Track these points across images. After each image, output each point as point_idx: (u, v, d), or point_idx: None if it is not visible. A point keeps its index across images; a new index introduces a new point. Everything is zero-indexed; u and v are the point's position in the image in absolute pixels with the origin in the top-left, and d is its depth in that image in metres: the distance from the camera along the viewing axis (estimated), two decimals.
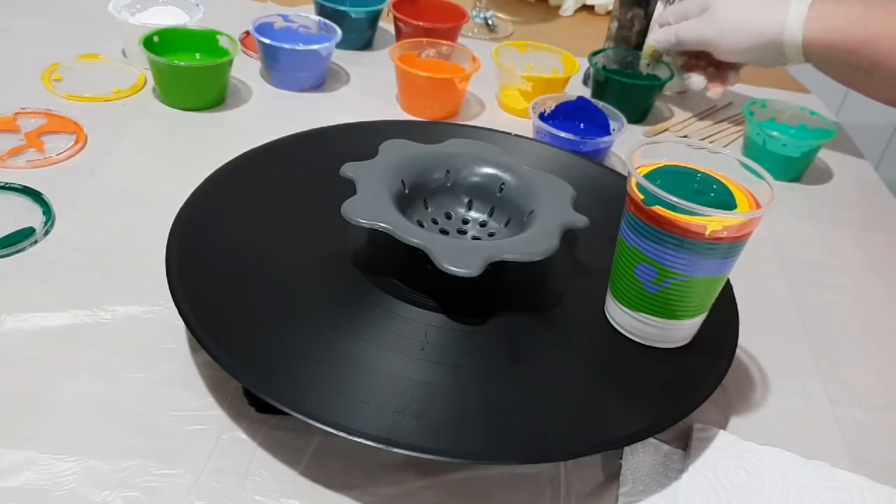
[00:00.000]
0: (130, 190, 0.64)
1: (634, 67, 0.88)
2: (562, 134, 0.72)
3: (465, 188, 0.58)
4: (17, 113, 0.71)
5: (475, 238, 0.57)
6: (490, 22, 1.05)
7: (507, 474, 0.46)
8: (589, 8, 1.16)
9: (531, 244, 0.51)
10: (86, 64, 0.81)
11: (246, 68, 0.84)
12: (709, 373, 0.49)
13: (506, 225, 0.58)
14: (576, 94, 0.79)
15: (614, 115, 0.77)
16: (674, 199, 0.44)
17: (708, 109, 0.91)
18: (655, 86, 0.85)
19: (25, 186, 0.61)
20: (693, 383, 0.48)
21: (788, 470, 0.47)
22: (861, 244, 0.73)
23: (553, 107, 0.79)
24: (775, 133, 0.77)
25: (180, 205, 0.55)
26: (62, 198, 0.61)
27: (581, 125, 0.79)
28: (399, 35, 0.92)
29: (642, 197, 0.46)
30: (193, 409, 0.47)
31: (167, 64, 0.73)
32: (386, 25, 0.95)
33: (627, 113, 0.76)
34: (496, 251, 0.49)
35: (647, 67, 0.87)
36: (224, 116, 0.76)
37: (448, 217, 0.58)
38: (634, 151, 0.48)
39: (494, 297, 0.53)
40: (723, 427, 0.51)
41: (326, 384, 0.44)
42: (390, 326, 0.49)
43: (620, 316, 0.51)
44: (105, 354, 0.49)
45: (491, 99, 0.86)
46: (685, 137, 0.83)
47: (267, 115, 0.78)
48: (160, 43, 0.76)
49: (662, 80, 0.85)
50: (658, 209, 0.45)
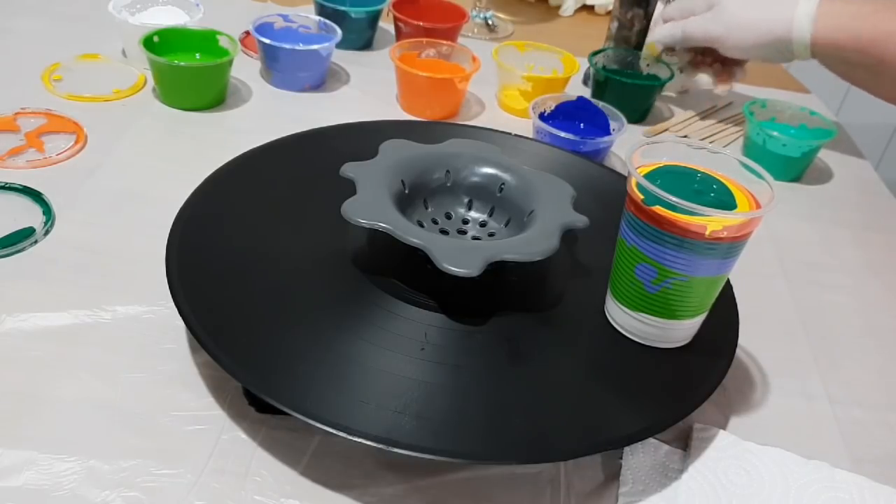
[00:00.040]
0: (130, 190, 0.64)
1: (634, 67, 0.88)
2: (562, 134, 0.72)
3: (465, 188, 0.58)
4: (17, 113, 0.71)
5: (475, 238, 0.57)
6: (490, 22, 1.05)
7: (507, 474, 0.46)
8: (589, 8, 1.16)
9: (531, 244, 0.51)
10: (86, 64, 0.81)
11: (246, 68, 0.84)
12: (709, 373, 0.49)
13: (506, 225, 0.58)
14: (576, 94, 0.79)
15: (614, 115, 0.77)
16: (674, 199, 0.44)
17: (708, 109, 0.91)
18: (655, 86, 0.85)
19: (25, 186, 0.61)
20: (693, 383, 0.48)
21: (788, 470, 0.47)
22: (861, 244, 0.73)
23: (553, 107, 0.79)
24: (775, 133, 0.77)
25: (180, 205, 0.55)
26: (62, 198, 0.61)
27: (581, 125, 0.79)
28: (399, 35, 0.92)
29: (642, 197, 0.46)
30: (193, 409, 0.47)
31: (167, 64, 0.73)
32: (386, 25, 0.95)
33: (627, 113, 0.76)
34: (496, 251, 0.49)
35: (648, 67, 0.87)
36: (224, 116, 0.76)
37: (448, 217, 0.58)
38: (634, 151, 0.48)
39: (494, 297, 0.53)
40: (723, 427, 0.51)
41: (326, 384, 0.44)
42: (390, 326, 0.49)
43: (620, 316, 0.51)
44: (105, 354, 0.49)
45: (491, 99, 0.86)
46: (685, 137, 0.83)
47: (267, 115, 0.78)
48: (160, 43, 0.76)
49: (662, 80, 0.85)
50: (658, 209, 0.45)
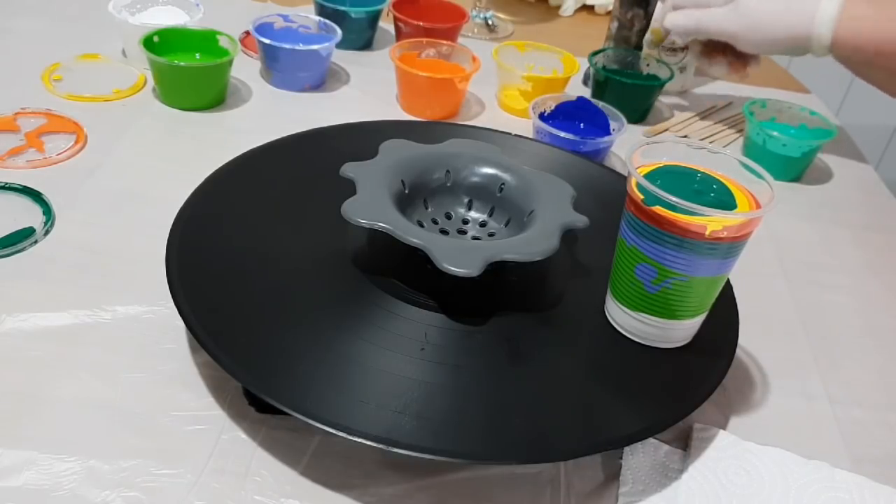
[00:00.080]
0: (130, 190, 0.64)
1: (634, 67, 0.88)
2: (562, 134, 0.72)
3: (465, 188, 0.58)
4: (17, 113, 0.71)
5: (475, 238, 0.57)
6: (490, 22, 1.05)
7: (507, 474, 0.46)
8: (589, 8, 1.16)
9: (531, 244, 0.51)
10: (86, 64, 0.81)
11: (246, 68, 0.84)
12: (709, 373, 0.49)
13: (506, 225, 0.58)
14: (576, 94, 0.79)
15: (614, 115, 0.77)
16: (674, 199, 0.44)
17: (708, 109, 0.91)
18: (655, 86, 0.85)
19: (25, 186, 0.61)
20: (693, 383, 0.48)
21: (788, 470, 0.47)
22: (861, 244, 0.73)
23: (553, 107, 0.79)
24: (775, 133, 0.77)
25: (180, 205, 0.55)
26: (62, 198, 0.61)
27: (581, 125, 0.79)
28: (399, 35, 0.92)
29: (642, 197, 0.46)
30: (193, 409, 0.47)
31: (167, 64, 0.73)
32: (386, 25, 0.95)
33: (627, 113, 0.76)
34: (496, 251, 0.49)
35: (648, 67, 0.87)
36: (224, 116, 0.76)
37: (448, 217, 0.58)
38: (634, 151, 0.48)
39: (494, 297, 0.53)
40: (723, 427, 0.51)
41: (326, 384, 0.44)
42: (390, 326, 0.49)
43: (620, 316, 0.51)
44: (105, 354, 0.49)
45: (491, 99, 0.86)
46: (685, 137, 0.83)
47: (267, 115, 0.78)
48: (160, 43, 0.76)
49: (662, 80, 0.85)
50: (658, 209, 0.45)
